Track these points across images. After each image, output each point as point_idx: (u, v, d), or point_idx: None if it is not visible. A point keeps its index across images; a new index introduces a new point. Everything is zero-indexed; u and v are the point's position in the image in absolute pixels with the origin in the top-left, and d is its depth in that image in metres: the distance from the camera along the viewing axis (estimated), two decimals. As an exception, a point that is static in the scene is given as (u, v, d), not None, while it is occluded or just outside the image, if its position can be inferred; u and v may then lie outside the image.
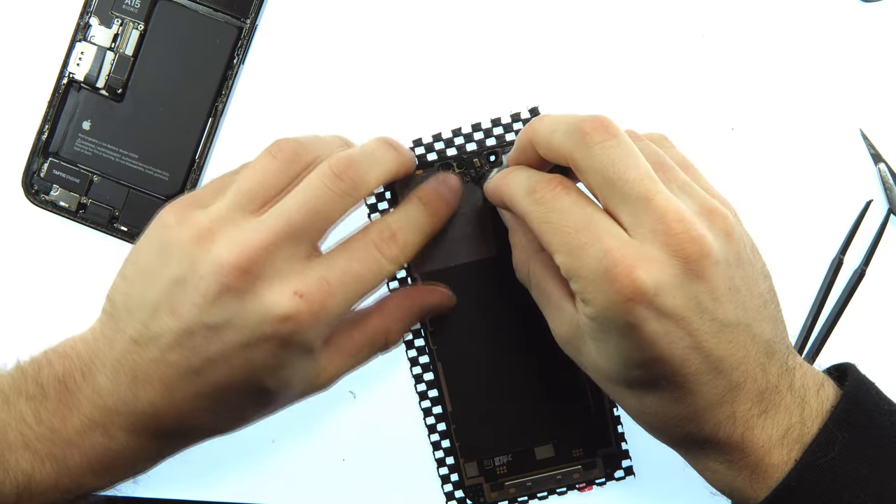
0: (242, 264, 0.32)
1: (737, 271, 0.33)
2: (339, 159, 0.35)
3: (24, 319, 0.45)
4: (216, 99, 0.45)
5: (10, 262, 0.45)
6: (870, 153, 0.45)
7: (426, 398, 0.43)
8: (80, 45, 0.44)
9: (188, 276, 0.33)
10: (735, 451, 0.33)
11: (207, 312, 0.32)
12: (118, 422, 0.34)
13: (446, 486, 0.43)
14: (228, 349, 0.33)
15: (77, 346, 0.35)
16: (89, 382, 0.34)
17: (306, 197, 0.34)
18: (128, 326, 0.34)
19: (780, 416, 0.33)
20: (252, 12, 0.44)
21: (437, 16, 0.45)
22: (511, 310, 0.42)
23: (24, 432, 0.33)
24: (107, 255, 0.45)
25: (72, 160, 0.45)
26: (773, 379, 0.33)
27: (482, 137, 0.42)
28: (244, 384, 0.34)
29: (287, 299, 0.33)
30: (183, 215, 0.34)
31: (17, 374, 0.34)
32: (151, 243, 0.34)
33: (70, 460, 0.33)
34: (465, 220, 0.41)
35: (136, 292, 0.34)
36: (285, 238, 0.33)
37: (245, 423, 0.36)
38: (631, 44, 0.45)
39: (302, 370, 0.35)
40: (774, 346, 0.33)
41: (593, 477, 0.43)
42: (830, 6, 0.45)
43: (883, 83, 0.45)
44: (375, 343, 0.38)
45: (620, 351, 0.33)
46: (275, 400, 0.35)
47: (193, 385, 0.33)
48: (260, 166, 0.35)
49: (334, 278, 0.34)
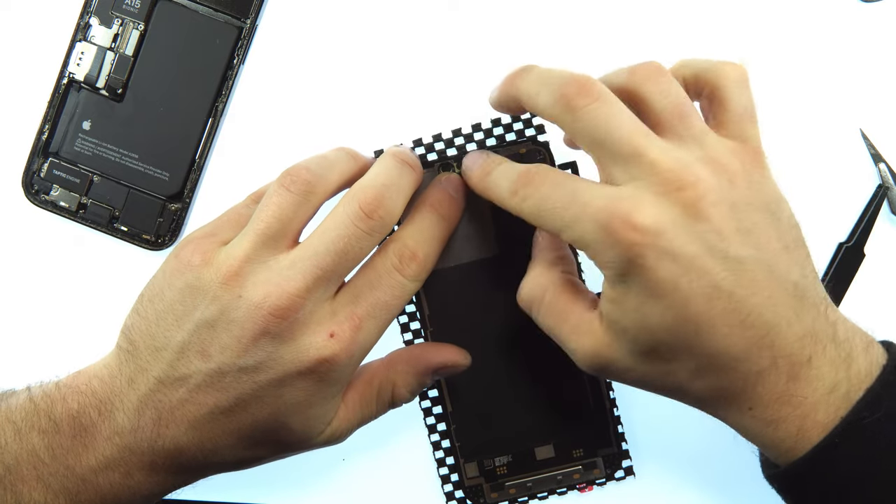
0: (278, 311, 0.33)
1: (746, 214, 0.32)
2: (369, 197, 0.34)
3: (25, 319, 0.45)
4: (216, 99, 0.45)
5: (10, 262, 0.45)
6: (870, 153, 0.45)
7: (426, 398, 0.43)
8: (81, 45, 0.44)
9: (218, 319, 0.33)
10: (778, 404, 0.32)
11: (241, 356, 0.33)
12: (136, 461, 0.34)
13: (446, 486, 0.43)
14: (259, 389, 0.33)
15: (92, 383, 0.34)
16: (107, 421, 0.34)
17: (336, 240, 0.34)
18: (152, 367, 0.34)
19: (826, 370, 0.32)
20: (252, 12, 0.45)
21: (437, 16, 0.45)
22: (512, 310, 0.42)
23: (38, 466, 0.33)
24: (107, 255, 0.45)
25: (72, 160, 0.45)
26: (809, 324, 0.32)
27: (482, 138, 0.42)
28: (271, 422, 0.34)
29: (323, 341, 0.33)
30: (206, 254, 0.34)
31: (29, 407, 0.34)
32: (174, 283, 0.34)
33: (83, 496, 0.33)
34: (465, 220, 0.41)
35: (160, 333, 0.34)
36: (317, 283, 0.33)
37: (261, 462, 0.36)
38: (630, 43, 0.45)
39: (326, 413, 0.35)
40: (804, 289, 0.32)
41: (593, 477, 0.43)
42: (830, 6, 0.45)
43: (883, 83, 0.45)
44: (382, 397, 0.38)
45: (645, 308, 0.31)
46: (295, 444, 0.35)
47: (220, 424, 0.33)
48: (276, 200, 0.34)
49: (363, 312, 0.34)
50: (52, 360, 0.37)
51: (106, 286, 0.45)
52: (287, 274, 0.33)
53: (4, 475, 0.33)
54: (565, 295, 0.35)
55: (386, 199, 0.35)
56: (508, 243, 0.41)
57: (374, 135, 0.43)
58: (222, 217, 0.37)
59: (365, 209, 0.34)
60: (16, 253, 0.46)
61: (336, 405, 0.36)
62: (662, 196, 0.31)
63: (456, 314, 0.42)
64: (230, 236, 0.35)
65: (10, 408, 0.34)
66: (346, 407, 0.36)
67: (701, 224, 0.31)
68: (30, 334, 0.45)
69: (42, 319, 0.45)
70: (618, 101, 0.32)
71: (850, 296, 0.45)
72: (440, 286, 0.41)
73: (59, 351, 0.45)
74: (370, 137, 0.40)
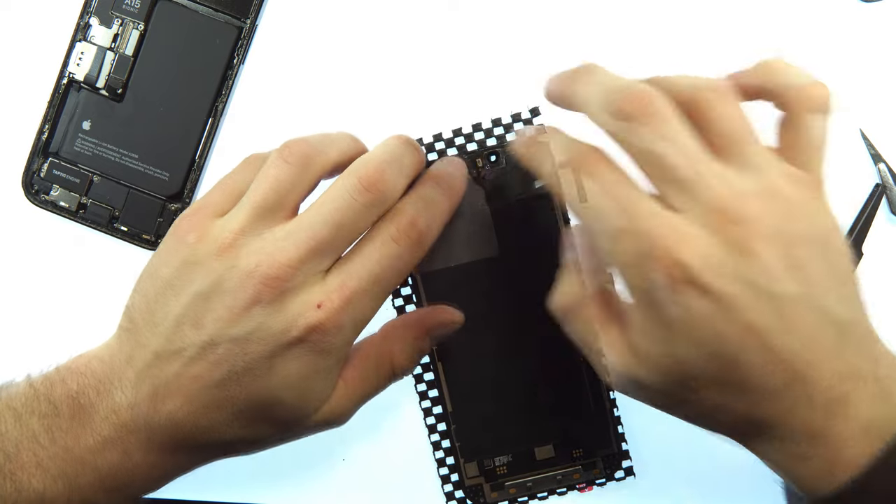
0: (268, 280, 0.32)
1: (799, 249, 0.30)
2: (370, 170, 0.34)
3: (25, 319, 0.45)
4: (216, 99, 0.45)
5: (10, 262, 0.45)
6: (870, 153, 0.45)
7: (426, 398, 0.43)
8: (80, 45, 0.44)
9: (212, 290, 0.33)
10: (810, 439, 0.31)
11: (232, 325, 0.32)
12: (134, 440, 0.33)
13: (446, 486, 0.43)
14: (251, 361, 0.33)
15: (92, 364, 0.34)
16: (104, 400, 0.33)
17: (332, 212, 0.33)
18: (149, 341, 0.33)
19: (863, 407, 0.31)
20: (252, 12, 0.45)
21: (437, 15, 0.45)
22: (512, 309, 0.42)
23: (37, 451, 0.33)
24: (107, 255, 0.45)
25: (72, 160, 0.45)
26: (851, 361, 0.31)
27: (483, 137, 0.42)
28: (264, 396, 0.34)
29: (311, 310, 0.33)
30: (202, 229, 0.34)
31: (29, 392, 0.34)
32: (171, 260, 0.34)
33: (82, 479, 0.33)
34: (465, 220, 0.41)
35: (158, 308, 0.34)
36: (310, 254, 0.33)
37: (262, 445, 0.36)
38: (630, 43, 0.45)
39: (320, 388, 0.35)
40: (849, 325, 0.31)
41: (593, 477, 0.43)
42: (830, 6, 0.45)
43: (883, 83, 0.45)
44: (381, 369, 0.37)
45: (675, 340, 0.31)
46: (292, 421, 0.35)
47: (214, 398, 0.33)
48: (274, 172, 0.34)
49: (355, 285, 0.34)
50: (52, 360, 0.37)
51: (106, 286, 0.45)
52: (280, 244, 0.33)
53: (4, 463, 0.33)
54: (602, 308, 0.34)
55: (386, 174, 0.34)
56: (508, 243, 0.41)
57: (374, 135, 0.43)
58: (216, 187, 0.36)
59: (363, 182, 0.33)
60: (16, 253, 0.46)
61: (332, 382, 0.35)
62: (712, 230, 0.30)
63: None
64: (226, 207, 0.35)
65: (11, 395, 0.34)
66: (345, 384, 0.36)
67: (749, 262, 0.30)
68: (30, 334, 0.45)
69: (42, 319, 0.45)
70: (677, 118, 0.31)
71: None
72: (440, 286, 0.41)
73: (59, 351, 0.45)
74: (370, 137, 0.40)
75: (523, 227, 0.41)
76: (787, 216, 0.31)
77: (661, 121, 0.31)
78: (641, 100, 0.31)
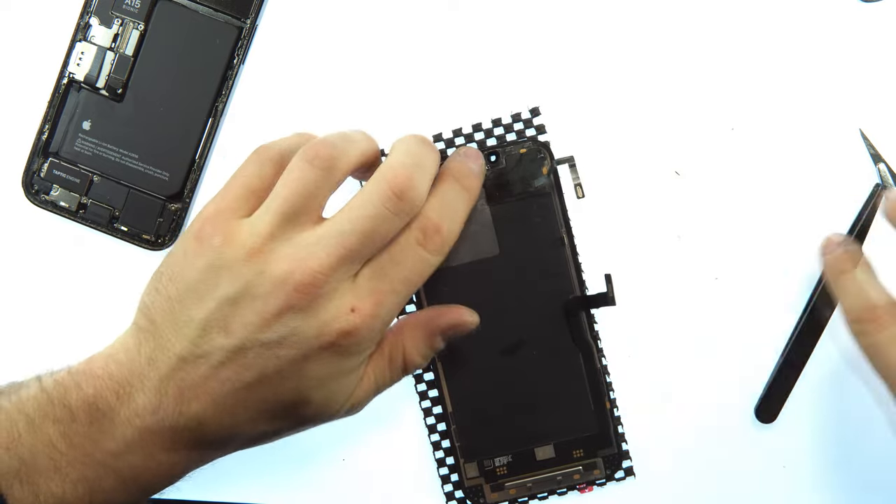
0: (301, 287, 0.32)
1: None
2: (400, 179, 0.34)
3: (25, 319, 0.45)
4: (216, 99, 0.45)
5: (10, 262, 0.45)
6: (870, 153, 0.45)
7: (426, 398, 0.43)
8: (81, 45, 0.44)
9: (241, 295, 0.33)
10: None
11: (263, 331, 0.32)
12: (158, 441, 0.33)
13: (446, 486, 0.43)
14: (282, 364, 0.33)
15: (109, 366, 0.34)
16: (125, 404, 0.33)
17: (363, 219, 0.33)
18: (174, 345, 0.33)
19: None
20: (252, 12, 0.44)
21: (437, 15, 0.45)
22: (512, 310, 0.42)
23: (54, 456, 0.33)
24: (107, 255, 0.45)
25: (72, 160, 0.45)
26: None
27: (483, 138, 0.42)
28: (293, 397, 0.34)
29: (345, 315, 0.33)
30: (227, 232, 0.34)
31: (42, 397, 0.33)
32: (196, 264, 0.34)
33: (104, 482, 0.33)
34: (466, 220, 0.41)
35: (182, 311, 0.33)
36: (341, 261, 0.33)
37: (279, 436, 0.36)
38: (631, 43, 0.45)
39: (347, 386, 0.35)
40: None
41: (593, 477, 0.43)
42: (830, 6, 0.45)
43: (883, 83, 0.45)
44: (394, 363, 0.37)
45: None
46: (316, 416, 0.35)
47: (242, 399, 0.33)
48: (298, 175, 0.34)
49: (386, 288, 0.34)
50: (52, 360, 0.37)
51: (106, 286, 0.45)
52: (311, 250, 0.33)
53: (20, 468, 0.32)
54: None
55: (415, 180, 0.34)
56: (509, 243, 0.41)
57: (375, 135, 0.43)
58: (232, 187, 0.35)
59: (395, 190, 0.33)
60: (16, 253, 0.46)
61: (357, 378, 0.35)
62: None
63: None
64: (246, 209, 0.34)
65: (22, 399, 0.33)
66: (365, 378, 0.36)
67: None
68: (30, 334, 0.45)
69: (42, 319, 0.45)
70: None
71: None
72: (440, 286, 0.41)
73: (59, 351, 0.45)
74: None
75: (523, 227, 0.41)
76: None
77: None
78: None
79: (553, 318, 0.42)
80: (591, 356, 0.42)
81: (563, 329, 0.42)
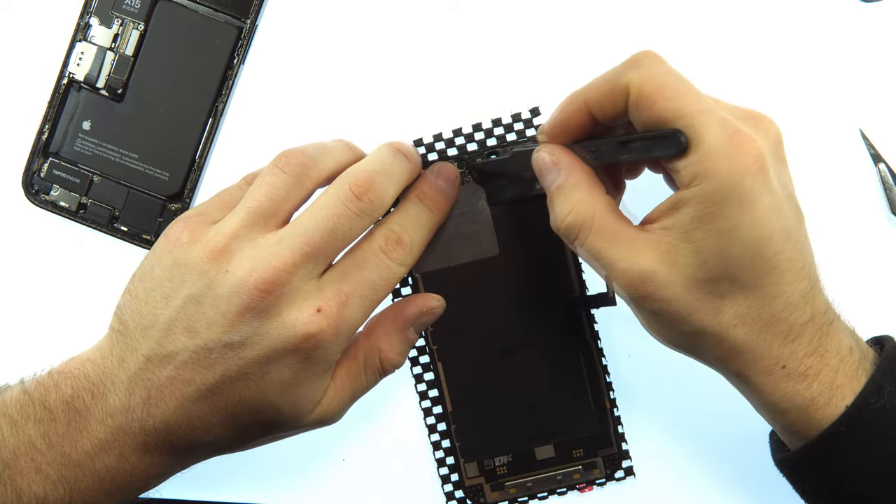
0: (264, 285, 0.32)
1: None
2: (360, 179, 0.34)
3: (24, 319, 0.45)
4: (216, 99, 0.45)
5: (10, 263, 0.45)
6: (870, 153, 0.45)
7: (426, 398, 0.43)
8: (81, 45, 0.44)
9: (205, 294, 0.33)
10: (812, 358, 0.33)
11: (227, 331, 0.33)
12: (129, 442, 0.34)
13: (446, 486, 0.43)
14: (246, 365, 0.33)
15: (85, 367, 0.34)
16: (99, 403, 0.34)
17: (325, 218, 0.34)
18: (140, 345, 0.34)
19: (843, 333, 0.34)
20: (252, 12, 0.45)
21: (437, 15, 0.45)
22: (511, 309, 0.42)
23: (35, 457, 0.33)
24: (107, 255, 0.45)
25: (72, 160, 0.45)
26: (826, 299, 0.34)
27: (483, 137, 0.42)
28: (257, 401, 0.34)
29: (309, 316, 0.33)
30: (195, 232, 0.34)
31: (24, 398, 0.34)
32: (163, 261, 0.34)
33: (82, 483, 0.33)
34: (466, 220, 0.41)
35: (149, 310, 0.34)
36: (304, 259, 0.33)
37: (253, 444, 0.36)
38: (630, 43, 0.45)
39: (313, 393, 0.35)
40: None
41: (593, 477, 0.43)
42: (830, 6, 0.45)
43: (883, 83, 0.45)
44: (370, 366, 0.37)
45: (732, 234, 0.31)
46: (283, 423, 0.35)
47: (207, 402, 0.33)
48: (269, 180, 0.34)
49: (350, 289, 0.34)
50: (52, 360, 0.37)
51: (106, 286, 0.45)
52: (274, 250, 0.33)
53: (3, 471, 0.33)
54: (616, 216, 0.34)
55: (376, 183, 0.35)
56: (508, 243, 0.41)
57: (375, 135, 0.43)
58: (214, 198, 0.36)
59: (355, 190, 0.34)
60: (16, 253, 0.46)
61: (324, 385, 0.35)
62: (759, 131, 0.32)
63: (456, 314, 0.42)
64: (220, 216, 0.35)
65: (5, 401, 0.34)
66: (335, 385, 0.36)
67: (784, 169, 0.33)
68: (30, 334, 0.45)
69: (42, 319, 0.45)
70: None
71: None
72: (440, 286, 0.41)
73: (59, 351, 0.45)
74: (370, 137, 0.40)
75: (523, 227, 0.41)
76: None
77: None
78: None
79: (553, 318, 0.42)
80: (591, 356, 0.42)
81: (563, 329, 0.42)
